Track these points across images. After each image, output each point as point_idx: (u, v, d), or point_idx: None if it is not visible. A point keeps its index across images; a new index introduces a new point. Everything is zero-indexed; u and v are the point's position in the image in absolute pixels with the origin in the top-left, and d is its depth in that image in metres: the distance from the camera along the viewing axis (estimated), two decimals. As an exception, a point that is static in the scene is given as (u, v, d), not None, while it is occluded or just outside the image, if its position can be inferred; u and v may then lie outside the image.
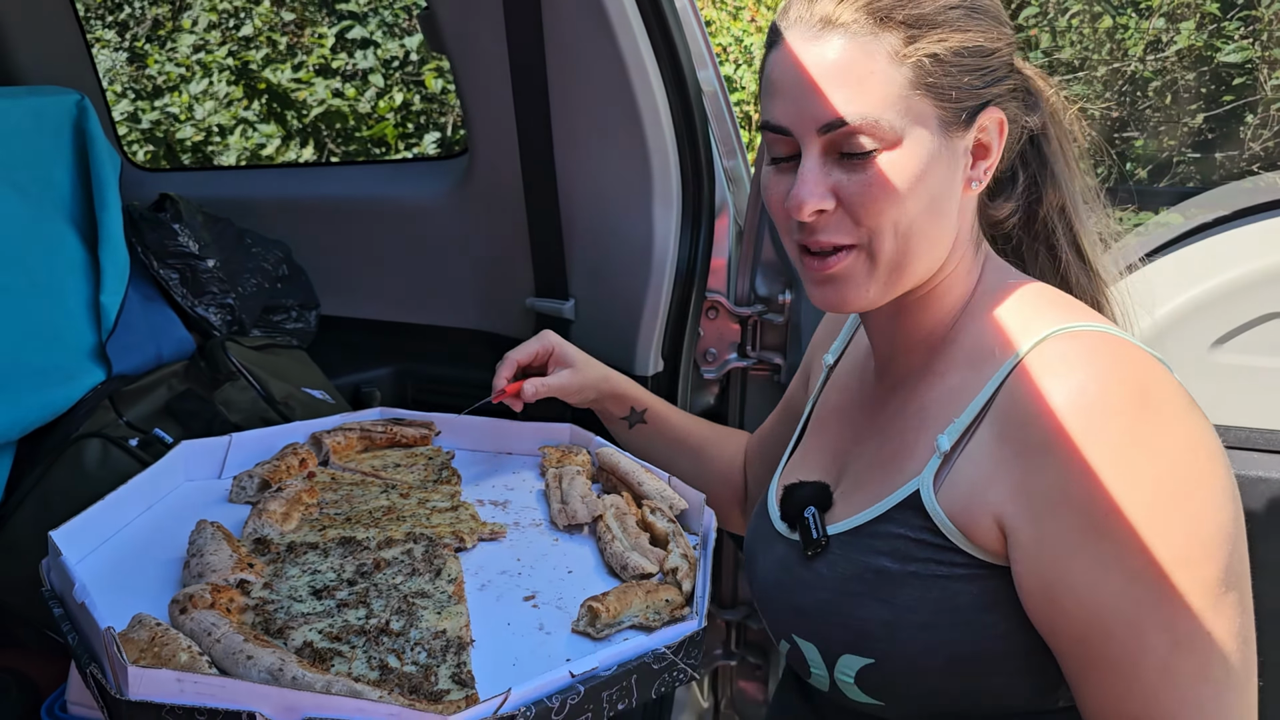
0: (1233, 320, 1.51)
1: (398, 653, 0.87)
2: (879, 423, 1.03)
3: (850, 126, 0.89)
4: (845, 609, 0.93)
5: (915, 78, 0.90)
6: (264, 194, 2.05)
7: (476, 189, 1.82)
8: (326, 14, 5.09)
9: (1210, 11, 3.36)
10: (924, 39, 0.89)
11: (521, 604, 1.00)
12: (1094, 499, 0.82)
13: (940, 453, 0.91)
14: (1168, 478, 0.82)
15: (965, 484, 0.89)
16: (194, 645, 0.82)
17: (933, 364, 0.99)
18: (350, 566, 1.00)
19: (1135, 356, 0.87)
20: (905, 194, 0.90)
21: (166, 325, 1.60)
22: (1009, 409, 0.88)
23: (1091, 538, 0.82)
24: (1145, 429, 0.83)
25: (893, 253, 0.93)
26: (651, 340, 1.64)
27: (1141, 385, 0.85)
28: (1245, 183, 2.69)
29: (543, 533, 1.15)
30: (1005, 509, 0.86)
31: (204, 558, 0.96)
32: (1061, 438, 0.83)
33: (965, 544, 0.89)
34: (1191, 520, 0.82)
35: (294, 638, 0.88)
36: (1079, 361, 0.86)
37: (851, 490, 1.01)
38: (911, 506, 0.92)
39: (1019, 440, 0.86)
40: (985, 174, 0.96)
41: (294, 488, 1.13)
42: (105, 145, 1.58)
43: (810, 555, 0.98)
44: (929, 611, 0.89)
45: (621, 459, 1.24)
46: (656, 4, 1.51)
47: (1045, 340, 0.89)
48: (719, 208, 1.66)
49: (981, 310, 0.97)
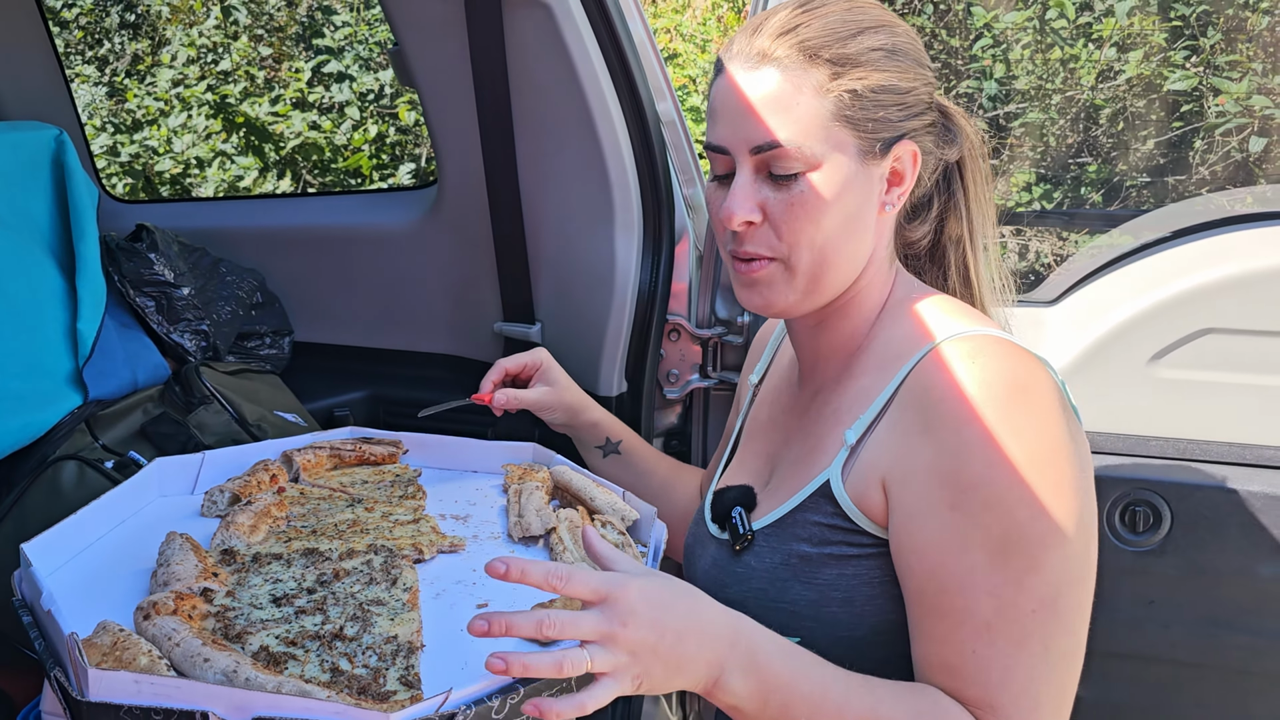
0: (1169, 335, 1.57)
1: (349, 656, 0.91)
2: (803, 425, 1.12)
3: (778, 149, 1.00)
4: (774, 594, 1.03)
5: (836, 110, 1.00)
6: (240, 224, 2.10)
7: (445, 218, 1.87)
8: (303, 49, 5.16)
9: (1158, 42, 3.48)
10: (846, 76, 1.00)
11: (474, 611, 1.03)
12: (956, 473, 0.92)
13: (847, 445, 1.02)
14: (1023, 465, 0.91)
15: (864, 470, 0.99)
16: (154, 649, 0.86)
17: (849, 368, 1.09)
18: (311, 576, 1.04)
19: (1018, 356, 0.97)
20: (822, 213, 1.01)
21: (142, 351, 1.65)
22: (906, 400, 0.99)
23: (945, 506, 0.92)
24: (1014, 419, 0.92)
25: (809, 265, 1.03)
26: (615, 361, 1.70)
27: (1018, 381, 0.95)
28: (1190, 204, 2.78)
29: (500, 545, 1.19)
30: (888, 477, 0.97)
31: (170, 567, 1.00)
32: (941, 420, 0.94)
33: (869, 525, 0.99)
34: (1035, 508, 0.91)
35: (251, 642, 0.92)
36: (968, 358, 0.96)
37: (776, 488, 1.10)
38: (824, 495, 1.02)
39: (908, 423, 0.97)
40: (899, 199, 1.06)
41: (263, 501, 1.17)
42: (83, 178, 1.63)
43: (738, 550, 1.07)
44: (847, 587, 0.99)
45: (575, 476, 1.29)
46: (615, 39, 1.58)
47: (943, 342, 0.99)
48: (679, 234, 1.72)
49: (892, 319, 1.08)
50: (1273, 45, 3.53)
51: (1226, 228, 1.64)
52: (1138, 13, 3.52)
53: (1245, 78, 3.43)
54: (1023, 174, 3.66)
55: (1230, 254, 1.59)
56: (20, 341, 1.45)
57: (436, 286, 1.92)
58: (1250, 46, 3.52)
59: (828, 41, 1.00)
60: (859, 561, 1.00)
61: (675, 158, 1.74)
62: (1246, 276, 1.55)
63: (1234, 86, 3.36)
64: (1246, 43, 3.52)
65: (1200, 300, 1.56)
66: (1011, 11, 3.71)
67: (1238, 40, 3.53)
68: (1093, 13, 3.61)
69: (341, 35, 5.08)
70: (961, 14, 3.74)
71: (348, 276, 1.99)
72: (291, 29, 5.22)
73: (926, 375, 0.97)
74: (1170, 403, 1.56)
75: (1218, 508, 1.47)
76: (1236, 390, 1.53)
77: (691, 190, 1.78)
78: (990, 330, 1.00)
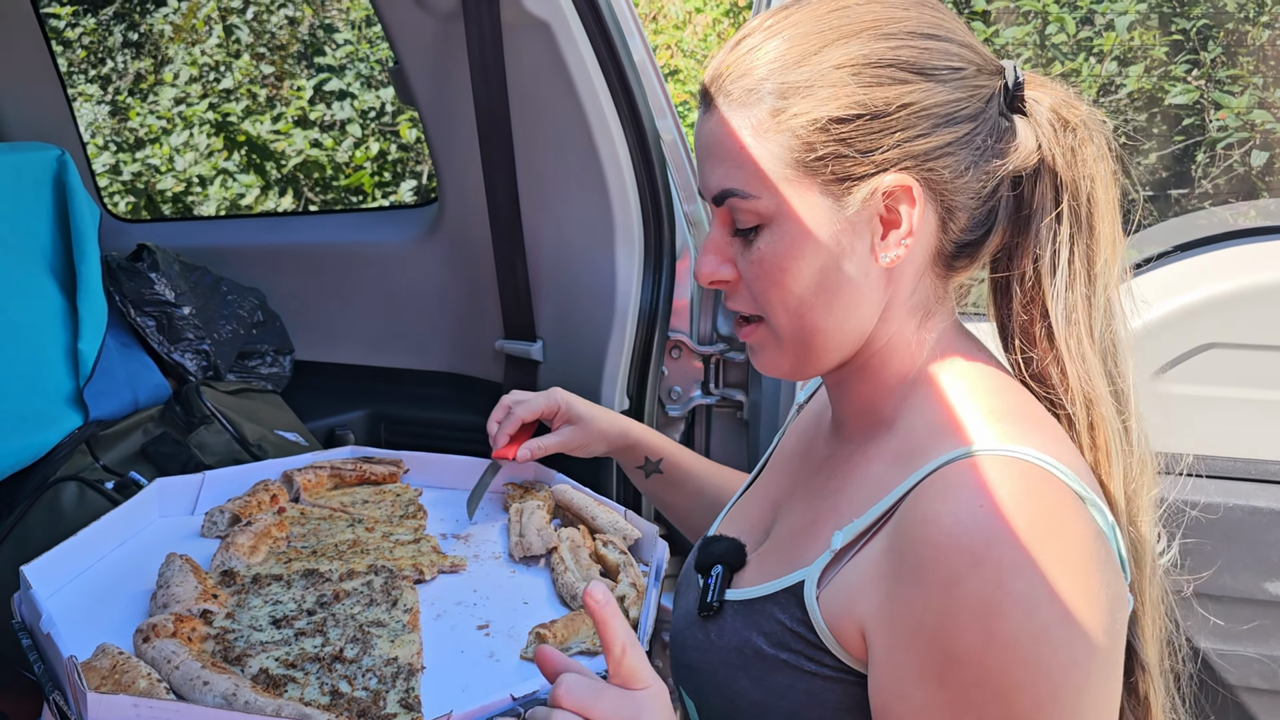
0: (1172, 350, 1.57)
1: (349, 679, 0.91)
2: (811, 489, 0.98)
3: (731, 199, 0.87)
4: (724, 680, 0.90)
5: (783, 151, 0.84)
6: (241, 242, 2.11)
7: (446, 235, 1.88)
8: (305, 67, 5.19)
9: (1158, 56, 3.49)
10: (791, 110, 0.84)
11: (475, 633, 1.04)
12: (943, 640, 0.75)
13: (831, 550, 0.85)
14: (1030, 642, 0.74)
15: (845, 590, 0.83)
16: (154, 673, 0.86)
17: (874, 439, 0.92)
18: (311, 597, 1.04)
19: (1048, 496, 0.78)
20: (784, 271, 0.86)
21: (143, 371, 1.65)
22: (900, 523, 0.81)
23: (932, 680, 0.76)
24: (1021, 585, 0.74)
25: (790, 328, 0.89)
26: (617, 379, 1.70)
27: (1038, 530, 0.75)
28: (1191, 218, 2.78)
29: (501, 565, 1.19)
30: (868, 623, 0.81)
31: (170, 589, 1.00)
32: (933, 570, 0.76)
33: (835, 647, 0.84)
34: (1039, 697, 0.74)
35: (251, 665, 0.92)
36: (979, 493, 0.77)
37: (766, 555, 0.96)
38: (794, 595, 0.87)
39: (896, 559, 0.79)
40: (899, 244, 0.86)
41: (263, 522, 1.17)
42: (85, 198, 1.64)
43: (704, 616, 0.94)
44: (796, 702, 0.85)
45: (575, 495, 1.29)
46: (615, 58, 1.59)
47: (962, 459, 0.79)
48: (680, 250, 1.73)
49: (921, 396, 0.90)
50: (1274, 59, 3.54)
51: (1228, 242, 1.65)
52: (1138, 27, 3.54)
53: (1246, 92, 3.44)
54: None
55: (1232, 269, 1.59)
56: (21, 362, 1.45)
57: (437, 304, 1.92)
58: (1251, 60, 3.53)
59: (775, 69, 0.84)
60: (814, 679, 0.84)
61: (675, 174, 1.74)
62: (1249, 291, 1.55)
63: (1234, 101, 3.37)
64: (1247, 56, 3.54)
65: (1203, 315, 1.56)
66: (1011, 27, 3.72)
67: (1238, 54, 3.54)
68: (1093, 27, 3.62)
69: (343, 53, 5.11)
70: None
71: (349, 294, 1.99)
72: (293, 47, 5.24)
73: (924, 505, 0.79)
74: (1173, 418, 1.55)
75: (1223, 524, 1.46)
76: (1240, 405, 1.53)
77: (692, 207, 1.79)
78: (1027, 451, 0.79)
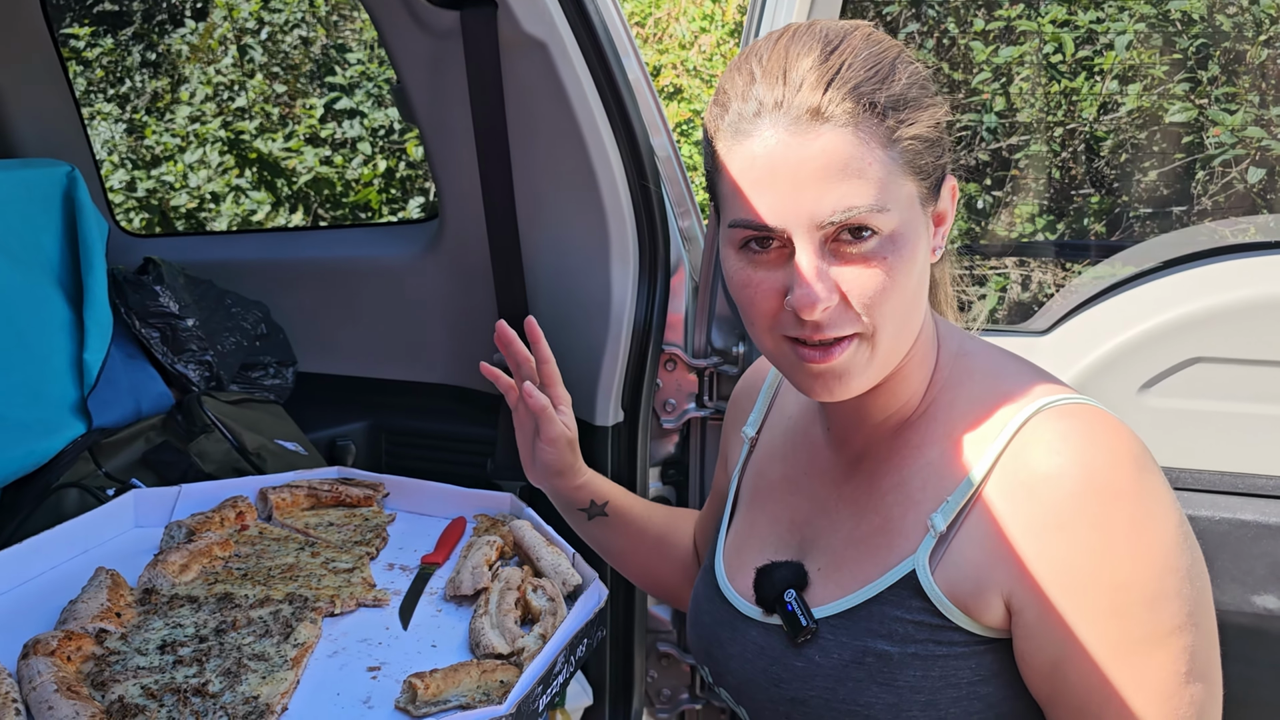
0: (1159, 364, 1.58)
1: (199, 714, 0.89)
2: (847, 494, 1.00)
3: (854, 219, 0.86)
4: (845, 695, 0.92)
5: (905, 159, 0.88)
6: (246, 257, 2.15)
7: (447, 250, 1.91)
8: (316, 86, 5.26)
9: (1157, 75, 3.51)
10: (906, 120, 0.88)
11: (363, 674, 1.00)
12: (1104, 578, 0.84)
13: (935, 532, 0.90)
14: (1165, 554, 0.85)
15: (968, 565, 0.89)
16: (14, 690, 0.86)
17: (905, 436, 0.97)
18: (214, 623, 1.03)
19: (1125, 434, 0.89)
20: (907, 276, 0.89)
21: (147, 381, 1.68)
22: (1013, 487, 0.88)
23: (1101, 615, 0.85)
24: (1147, 509, 0.85)
25: (891, 335, 0.91)
26: (611, 391, 1.72)
27: (1138, 465, 0.87)
28: (1181, 234, 2.79)
29: (430, 603, 1.15)
30: (1013, 587, 0.87)
31: (75, 604, 1.01)
32: (1073, 517, 0.85)
33: (966, 622, 0.89)
34: (1181, 594, 0.85)
35: (114, 690, 0.91)
36: (1080, 441, 0.87)
37: (832, 569, 0.98)
38: (908, 587, 0.91)
39: (1027, 518, 0.87)
40: (942, 239, 0.96)
41: (207, 540, 1.17)
42: (93, 213, 1.67)
43: (799, 643, 0.95)
44: (932, 690, 0.89)
45: (529, 533, 1.25)
46: (611, 76, 1.62)
47: (1036, 416, 0.89)
48: (675, 265, 1.75)
49: (953, 381, 0.97)
50: (1273, 77, 3.56)
51: (1216, 258, 1.66)
52: (1136, 45, 3.56)
53: (1241, 110, 3.46)
54: (1025, 205, 3.69)
55: (1219, 284, 1.60)
56: (27, 371, 1.49)
57: (437, 317, 1.95)
58: (1247, 79, 3.55)
59: (876, 84, 0.87)
60: (946, 661, 0.89)
61: (670, 190, 1.77)
62: (1235, 306, 1.56)
63: (1229, 118, 3.38)
64: (1244, 75, 3.56)
65: (1189, 329, 1.57)
66: (1010, 45, 3.75)
67: (1235, 72, 3.57)
68: (1093, 46, 3.65)
69: (354, 73, 5.18)
70: (964, 49, 3.79)
71: (351, 308, 2.03)
72: (305, 67, 5.32)
73: (1039, 461, 0.87)
74: (1160, 431, 1.56)
75: (1209, 537, 1.47)
76: (1226, 419, 1.54)
77: (687, 222, 1.81)
78: (1078, 398, 0.91)
